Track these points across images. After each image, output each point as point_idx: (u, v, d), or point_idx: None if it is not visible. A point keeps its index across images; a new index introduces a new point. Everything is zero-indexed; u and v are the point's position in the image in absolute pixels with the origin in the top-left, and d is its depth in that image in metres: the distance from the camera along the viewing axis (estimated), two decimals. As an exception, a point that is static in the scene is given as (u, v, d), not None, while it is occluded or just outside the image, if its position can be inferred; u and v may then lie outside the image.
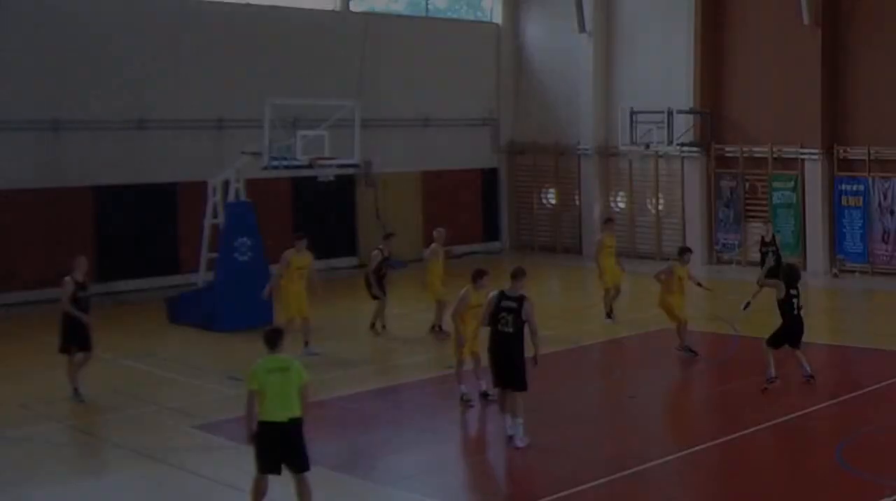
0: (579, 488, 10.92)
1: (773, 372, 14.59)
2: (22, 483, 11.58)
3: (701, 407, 14.79)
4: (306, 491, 10.01)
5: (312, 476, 9.96)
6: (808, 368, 14.74)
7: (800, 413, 13.57)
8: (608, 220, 22.17)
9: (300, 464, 9.94)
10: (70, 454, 12.21)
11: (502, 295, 12.48)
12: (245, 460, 12.11)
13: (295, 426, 9.88)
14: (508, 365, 12.41)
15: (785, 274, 15.04)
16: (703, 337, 19.22)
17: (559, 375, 15.78)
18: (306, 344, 17.09)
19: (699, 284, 18.03)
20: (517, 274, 12.63)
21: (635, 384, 15.71)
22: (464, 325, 13.87)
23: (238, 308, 19.25)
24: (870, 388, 14.70)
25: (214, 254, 20.25)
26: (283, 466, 9.98)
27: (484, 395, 14.07)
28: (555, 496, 10.68)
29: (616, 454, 12.42)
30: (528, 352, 12.38)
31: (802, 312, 14.84)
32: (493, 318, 12.45)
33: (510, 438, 12.35)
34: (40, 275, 22.53)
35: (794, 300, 14.59)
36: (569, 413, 14.09)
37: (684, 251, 17.75)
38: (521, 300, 12.39)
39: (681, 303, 17.25)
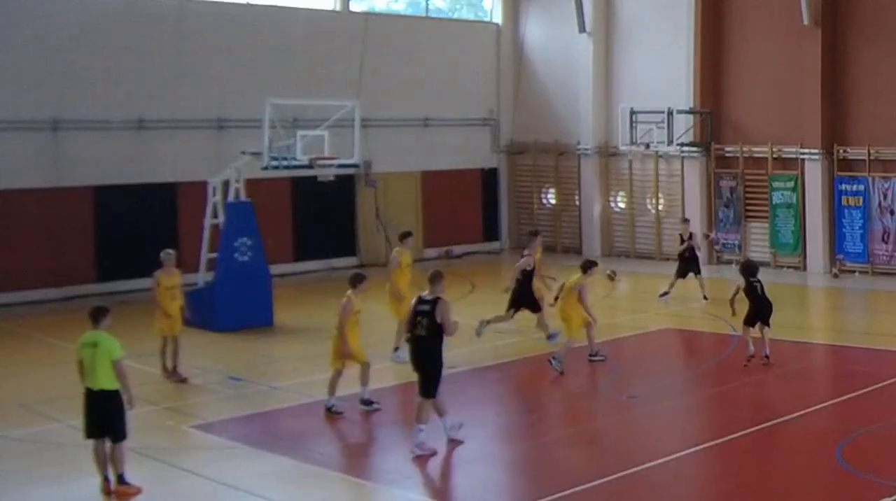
0: (579, 488, 10.91)
1: (752, 349, 16.06)
2: (22, 483, 11.59)
3: (701, 407, 14.79)
4: (117, 457, 10.93)
5: (313, 475, 9.98)
6: (767, 349, 16.06)
7: (800, 413, 13.58)
8: (405, 235, 17.83)
9: (112, 434, 10.93)
10: (70, 454, 12.19)
11: (419, 300, 12.32)
12: (245, 460, 12.14)
13: (105, 397, 10.87)
14: (419, 371, 12.29)
15: (743, 270, 16.67)
16: (704, 337, 19.24)
17: (559, 375, 15.78)
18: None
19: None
20: (434, 278, 12.41)
21: (635, 384, 15.71)
22: (350, 334, 13.69)
23: (238, 308, 19.28)
24: (870, 388, 14.69)
25: (214, 254, 20.25)
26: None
27: (366, 403, 13.93)
28: (555, 496, 10.68)
29: (616, 454, 12.43)
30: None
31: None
32: (411, 324, 12.30)
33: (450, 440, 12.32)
34: (40, 275, 22.58)
35: (757, 285, 16.22)
36: (568, 413, 14.08)
37: None
38: (435, 302, 12.19)
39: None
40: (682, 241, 22.27)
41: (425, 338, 12.15)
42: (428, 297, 12.26)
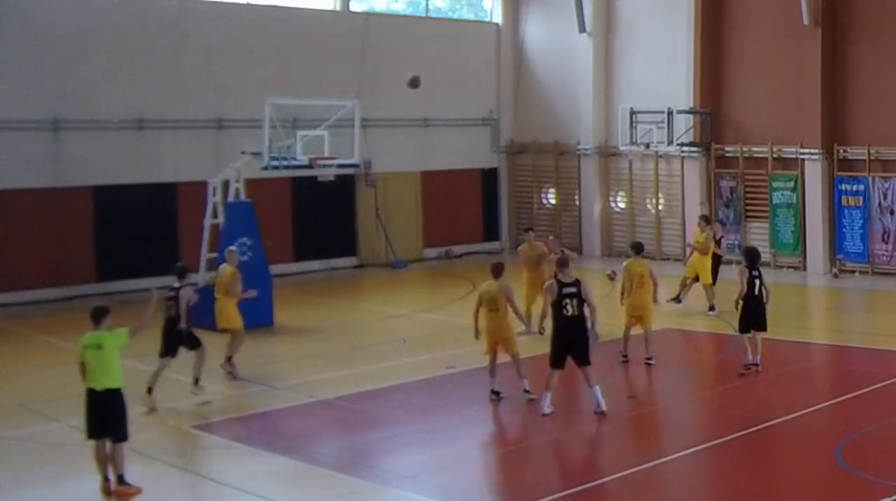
0: (579, 488, 10.92)
1: (749, 358, 15.53)
2: (22, 483, 11.59)
3: (701, 407, 14.79)
4: (117, 458, 10.90)
5: (313, 475, 9.97)
6: (758, 358, 15.56)
7: (800, 413, 13.57)
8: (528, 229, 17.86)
9: (116, 434, 10.90)
10: (70, 454, 12.20)
11: (561, 284, 13.44)
12: (245, 460, 12.14)
13: (109, 396, 10.87)
14: (576, 345, 13.47)
15: (746, 256, 15.96)
16: (704, 338, 19.24)
17: (559, 375, 15.75)
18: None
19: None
20: (564, 263, 13.84)
21: (635, 384, 15.70)
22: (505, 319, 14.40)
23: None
24: (870, 388, 14.68)
25: (214, 254, 20.24)
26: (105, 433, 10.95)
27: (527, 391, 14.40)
28: (555, 496, 10.68)
29: (616, 454, 12.43)
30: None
31: (766, 295, 15.63)
32: (558, 305, 13.40)
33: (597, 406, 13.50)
34: (40, 275, 22.58)
35: (756, 281, 15.49)
36: (569, 413, 14.08)
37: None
38: (578, 284, 13.45)
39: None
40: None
41: (577, 317, 13.39)
42: (568, 280, 13.47)
